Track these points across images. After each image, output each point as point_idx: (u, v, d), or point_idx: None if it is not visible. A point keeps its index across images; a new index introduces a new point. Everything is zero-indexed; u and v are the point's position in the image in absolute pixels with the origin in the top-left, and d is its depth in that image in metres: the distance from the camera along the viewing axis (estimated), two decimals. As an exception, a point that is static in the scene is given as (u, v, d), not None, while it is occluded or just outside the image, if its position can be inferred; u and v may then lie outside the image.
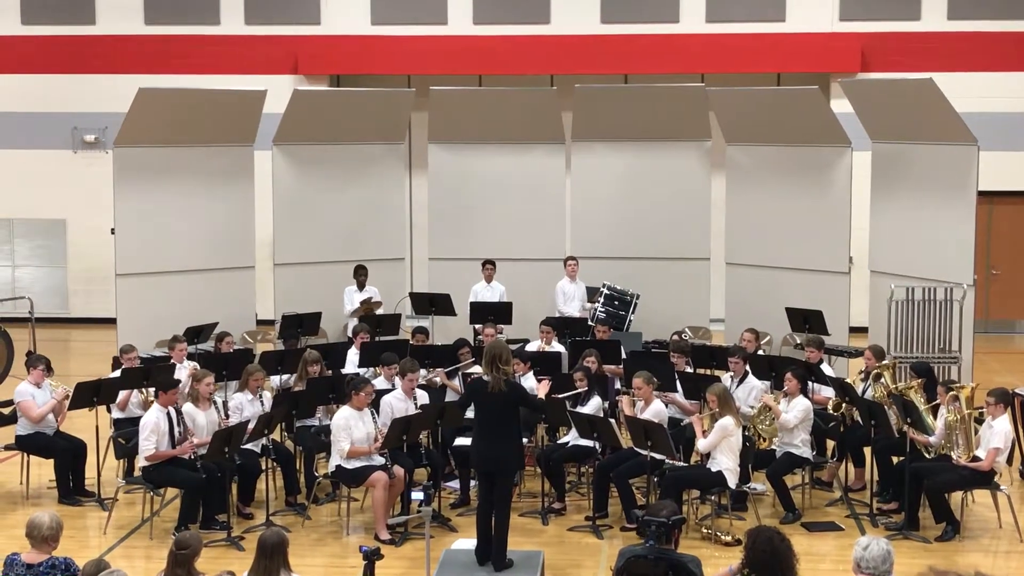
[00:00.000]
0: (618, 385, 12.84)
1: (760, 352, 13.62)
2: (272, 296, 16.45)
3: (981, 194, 14.57)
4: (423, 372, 12.26)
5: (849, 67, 19.99)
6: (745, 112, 16.06)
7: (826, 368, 12.53)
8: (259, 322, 16.87)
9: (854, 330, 15.65)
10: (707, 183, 16.54)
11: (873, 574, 6.35)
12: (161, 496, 11.07)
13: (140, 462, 10.85)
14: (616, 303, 15.44)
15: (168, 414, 10.74)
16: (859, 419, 11.53)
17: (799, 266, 15.72)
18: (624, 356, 13.26)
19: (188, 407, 11.04)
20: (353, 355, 13.37)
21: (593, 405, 11.44)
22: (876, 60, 20.06)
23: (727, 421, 10.58)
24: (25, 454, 11.90)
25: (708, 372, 13.11)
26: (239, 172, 16.21)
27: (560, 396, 11.40)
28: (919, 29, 20.23)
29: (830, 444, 12.32)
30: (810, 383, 11.94)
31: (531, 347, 13.60)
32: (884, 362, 12.05)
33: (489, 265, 15.94)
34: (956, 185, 14.42)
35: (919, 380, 11.47)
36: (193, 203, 15.88)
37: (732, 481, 10.61)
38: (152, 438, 10.59)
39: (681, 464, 11.02)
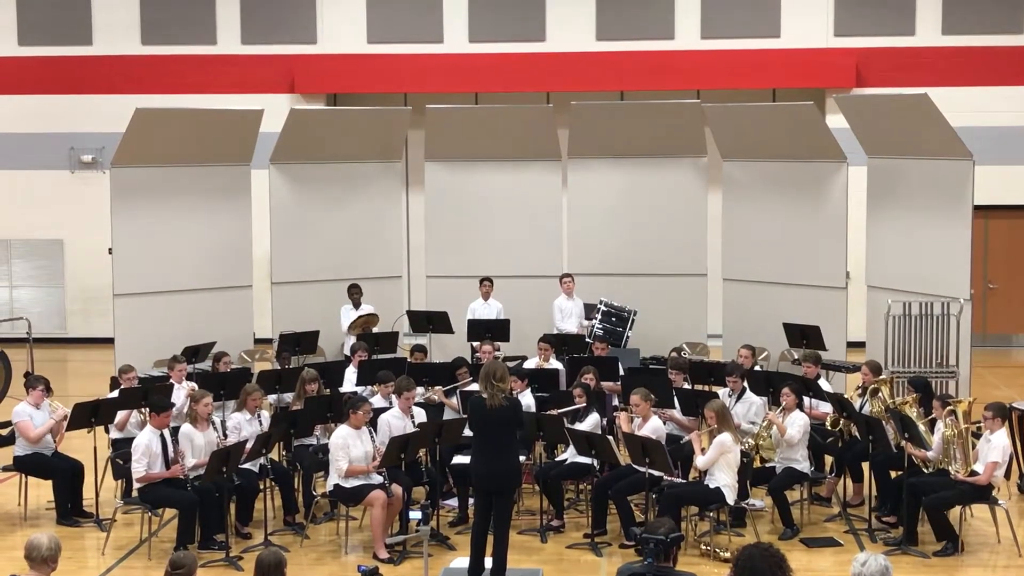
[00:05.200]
0: (616, 402, 12.84)
1: (757, 368, 13.63)
2: (270, 315, 16.46)
3: (977, 208, 14.59)
4: (420, 390, 12.27)
5: (844, 82, 20.05)
6: (741, 128, 16.10)
7: (824, 383, 12.55)
8: (257, 341, 16.87)
9: (851, 345, 15.66)
10: (703, 199, 16.56)
11: (871, 590, 6.33)
12: (159, 516, 11.04)
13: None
14: (613, 320, 15.45)
15: (161, 435, 10.73)
16: (857, 434, 11.53)
17: (796, 281, 15.73)
18: (622, 373, 13.28)
19: (186, 427, 11.03)
20: (351, 373, 13.37)
21: (591, 422, 11.44)
22: (871, 75, 20.12)
23: (725, 437, 10.58)
24: (23, 475, 11.89)
25: (706, 388, 13.11)
26: (236, 191, 16.23)
27: (558, 411, 11.42)
28: (914, 44, 20.29)
29: (828, 459, 12.32)
30: (807, 398, 11.96)
31: (529, 364, 13.61)
32: (881, 377, 12.06)
33: (486, 282, 15.96)
34: (952, 199, 14.45)
35: (916, 395, 11.48)
36: (190, 222, 15.89)
37: (731, 497, 10.60)
38: (143, 460, 10.58)
39: (679, 481, 11.02)
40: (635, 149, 16.43)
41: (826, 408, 12.09)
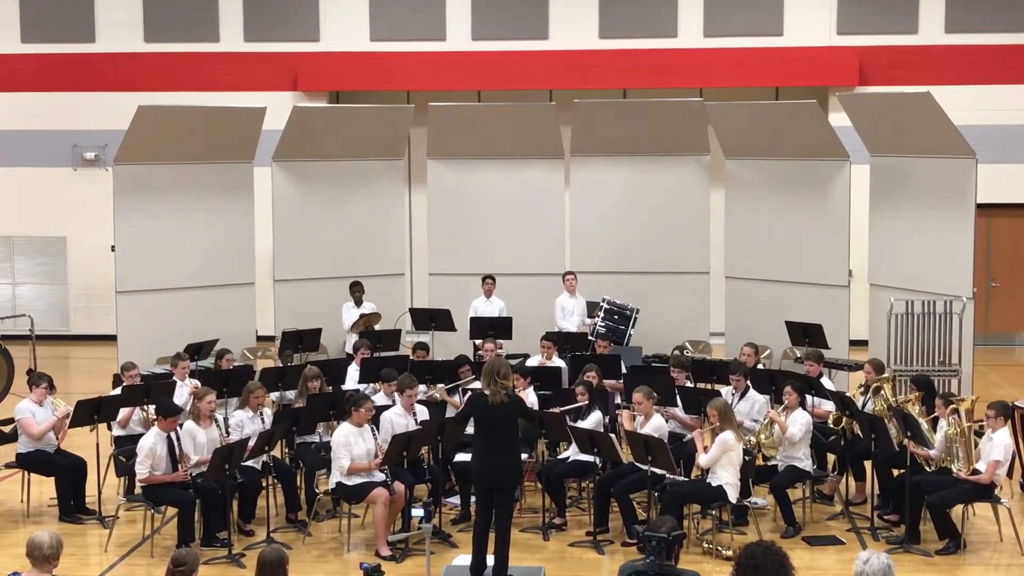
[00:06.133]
0: (618, 400, 12.84)
1: (760, 366, 13.62)
2: (272, 312, 16.46)
3: (980, 207, 14.57)
4: (422, 388, 12.27)
5: (847, 81, 20.04)
6: (744, 126, 16.09)
7: (826, 382, 12.53)
8: (259, 338, 16.89)
9: (854, 343, 15.66)
10: (706, 197, 16.56)
11: (874, 588, 6.34)
12: (162, 514, 11.06)
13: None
14: (616, 317, 15.45)
15: (168, 437, 10.73)
16: (859, 433, 11.52)
17: (799, 279, 15.73)
18: (624, 371, 13.28)
19: (189, 425, 11.03)
20: (353, 371, 13.38)
21: (593, 420, 11.44)
22: (874, 74, 20.11)
23: (727, 435, 10.58)
24: (26, 472, 11.90)
25: (708, 386, 13.11)
26: (239, 189, 16.23)
27: (560, 409, 11.42)
28: (917, 43, 20.27)
29: (831, 458, 12.32)
30: (810, 397, 11.95)
31: (531, 362, 13.61)
32: (884, 375, 12.05)
33: (489, 280, 15.95)
34: (954, 198, 14.44)
35: (918, 393, 11.48)
36: (193, 220, 15.90)
37: (733, 496, 10.60)
38: (147, 463, 10.57)
39: (682, 479, 11.02)
40: (638, 147, 16.42)
41: (828, 406, 12.08)
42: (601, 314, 15.41)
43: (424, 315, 16.05)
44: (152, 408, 11.55)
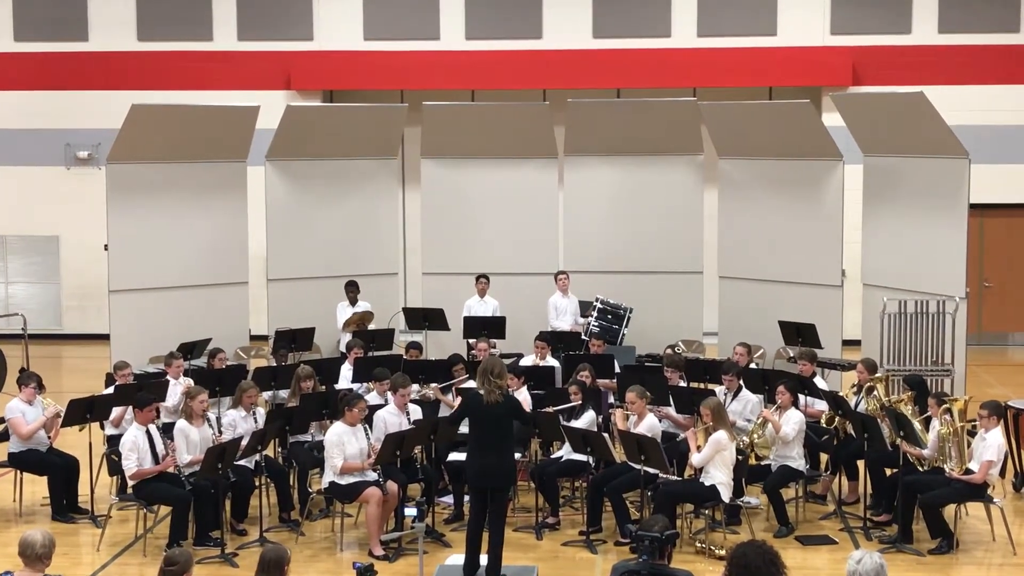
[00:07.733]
0: (611, 399, 12.84)
1: (753, 366, 13.63)
2: (266, 311, 16.45)
3: (973, 207, 14.59)
4: (415, 387, 12.27)
5: (840, 81, 20.06)
6: (737, 126, 16.10)
7: (819, 381, 12.55)
8: (252, 338, 16.85)
9: (847, 343, 15.66)
10: (699, 197, 16.57)
11: (866, 588, 6.34)
12: (154, 513, 11.04)
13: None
14: (609, 317, 15.45)
15: (147, 431, 10.72)
16: (852, 432, 11.54)
17: (792, 279, 15.74)
18: (617, 370, 13.28)
19: (182, 424, 11.03)
20: (347, 370, 13.37)
21: (586, 419, 11.44)
22: (867, 74, 20.13)
23: (721, 435, 10.58)
24: (18, 471, 11.88)
25: (701, 386, 13.12)
26: (232, 188, 16.22)
27: (554, 409, 11.42)
28: (910, 43, 20.31)
29: (823, 457, 12.32)
30: (803, 396, 11.97)
31: (525, 362, 13.61)
32: (877, 375, 12.06)
33: (483, 279, 15.95)
34: (948, 198, 14.45)
35: (911, 393, 11.49)
36: (186, 219, 15.88)
37: (726, 495, 10.61)
38: (132, 456, 10.58)
39: (675, 478, 11.02)
40: (631, 147, 16.42)
41: (822, 406, 12.09)
42: (595, 313, 15.41)
43: (418, 314, 16.04)
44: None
